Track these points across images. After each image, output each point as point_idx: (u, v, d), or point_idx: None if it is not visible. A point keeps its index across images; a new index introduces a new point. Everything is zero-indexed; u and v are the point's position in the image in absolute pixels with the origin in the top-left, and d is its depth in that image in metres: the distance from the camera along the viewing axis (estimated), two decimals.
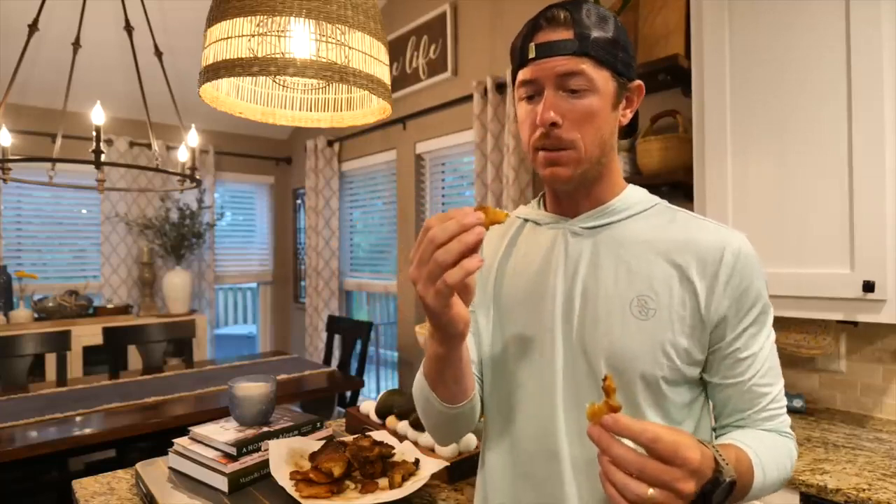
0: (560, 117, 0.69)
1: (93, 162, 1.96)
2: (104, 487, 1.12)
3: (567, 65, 0.69)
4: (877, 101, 1.29)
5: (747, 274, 0.70)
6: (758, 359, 0.72)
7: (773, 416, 0.74)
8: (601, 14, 0.71)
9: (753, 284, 0.71)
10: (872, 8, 1.29)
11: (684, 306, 0.69)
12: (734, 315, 0.70)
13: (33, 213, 3.64)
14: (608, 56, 0.70)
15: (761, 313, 0.72)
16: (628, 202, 0.76)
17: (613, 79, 0.71)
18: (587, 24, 0.69)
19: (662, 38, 1.92)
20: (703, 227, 0.73)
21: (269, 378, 1.23)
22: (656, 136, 1.86)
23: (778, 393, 0.74)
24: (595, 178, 0.75)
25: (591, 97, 0.70)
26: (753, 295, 0.71)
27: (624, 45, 0.72)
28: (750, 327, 0.71)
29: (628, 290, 0.71)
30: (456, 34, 2.98)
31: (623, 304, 0.70)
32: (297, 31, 1.03)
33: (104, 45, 3.23)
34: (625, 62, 0.72)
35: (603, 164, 0.75)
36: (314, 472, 0.97)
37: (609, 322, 0.71)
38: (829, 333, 1.62)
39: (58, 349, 2.75)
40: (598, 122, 0.70)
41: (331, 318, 3.52)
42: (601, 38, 0.69)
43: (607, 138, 0.73)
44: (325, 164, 4.03)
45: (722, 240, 0.71)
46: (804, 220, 1.42)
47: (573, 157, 0.71)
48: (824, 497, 1.14)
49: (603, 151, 0.73)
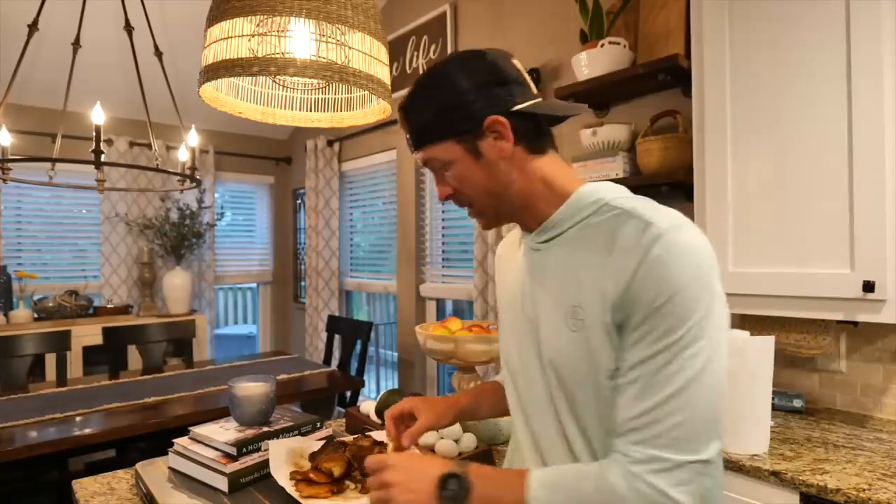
0: (447, 190, 0.80)
1: (93, 162, 1.96)
2: (104, 487, 1.12)
3: (420, 157, 0.80)
4: (877, 101, 1.29)
5: (655, 281, 0.62)
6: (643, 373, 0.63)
7: (639, 441, 0.63)
8: (422, 92, 0.77)
9: (666, 284, 0.62)
10: (872, 8, 1.29)
11: (605, 313, 0.66)
12: (636, 318, 0.64)
13: (33, 213, 3.64)
14: (441, 131, 0.76)
15: (674, 319, 0.62)
16: (570, 211, 0.75)
17: (456, 143, 0.75)
18: (415, 117, 0.78)
19: (662, 38, 1.92)
20: (628, 226, 0.67)
21: (269, 378, 1.23)
22: (656, 136, 1.86)
23: (660, 426, 0.61)
24: (519, 209, 0.79)
25: (451, 168, 0.77)
26: (664, 297, 0.62)
27: (452, 105, 0.74)
28: (653, 335, 0.63)
29: (565, 301, 0.72)
30: (456, 34, 2.98)
31: (561, 314, 0.72)
32: (297, 31, 1.03)
33: (104, 45, 3.23)
34: (460, 118, 0.74)
35: (512, 199, 0.78)
36: (314, 472, 0.97)
37: (550, 332, 0.74)
38: (829, 333, 1.62)
39: (58, 349, 2.75)
40: (469, 181, 0.77)
41: (331, 318, 3.52)
42: (428, 121, 0.76)
43: (491, 185, 0.77)
44: (325, 164, 4.03)
45: (639, 237, 0.65)
46: (804, 220, 1.42)
47: (475, 213, 0.81)
48: (824, 497, 1.14)
49: (496, 196, 0.77)
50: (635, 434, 0.63)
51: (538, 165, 0.77)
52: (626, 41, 1.96)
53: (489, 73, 0.74)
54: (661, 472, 0.61)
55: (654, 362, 0.62)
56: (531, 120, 0.76)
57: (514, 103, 0.74)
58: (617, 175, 1.94)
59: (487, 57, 0.75)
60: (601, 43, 1.95)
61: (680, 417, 0.61)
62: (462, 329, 1.55)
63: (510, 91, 0.74)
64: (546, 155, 0.78)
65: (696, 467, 0.62)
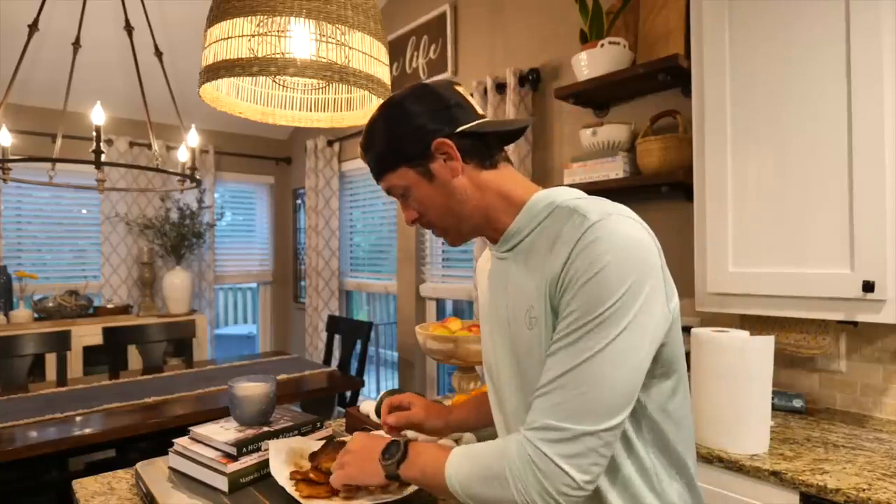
0: (413, 215, 0.84)
1: (93, 162, 1.96)
2: (104, 487, 1.12)
3: (382, 186, 0.85)
4: (877, 101, 1.29)
5: (581, 264, 0.65)
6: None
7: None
8: (373, 128, 0.82)
9: (592, 263, 0.65)
10: (872, 8, 1.29)
11: (546, 303, 0.71)
12: (566, 298, 0.67)
13: (33, 213, 3.64)
14: (395, 159, 0.80)
15: (595, 297, 0.64)
16: (526, 219, 0.78)
17: (409, 168, 0.80)
18: (371, 150, 0.82)
19: (662, 38, 1.92)
20: (569, 221, 0.70)
21: (269, 378, 1.23)
22: (656, 136, 1.86)
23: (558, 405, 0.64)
24: (480, 224, 0.82)
25: (410, 193, 0.82)
26: (588, 275, 0.65)
27: (401, 134, 0.79)
28: (576, 312, 0.65)
29: (523, 303, 0.75)
30: (456, 34, 2.98)
31: (520, 316, 0.76)
32: (297, 31, 1.03)
33: (104, 45, 3.23)
34: (409, 144, 0.79)
35: (470, 215, 0.81)
36: (314, 472, 0.97)
37: (517, 336, 0.77)
38: (829, 333, 1.62)
39: (58, 349, 2.75)
40: (428, 203, 0.82)
41: (331, 318, 3.52)
42: (382, 152, 0.81)
43: (448, 203, 0.81)
44: (325, 164, 4.03)
45: (573, 229, 0.68)
46: (804, 220, 1.42)
47: (439, 233, 0.86)
48: (824, 497, 1.14)
49: (454, 214, 0.81)
50: (539, 401, 0.66)
51: (491, 179, 0.81)
52: (626, 41, 1.96)
53: (432, 101, 0.79)
54: (552, 442, 0.63)
55: (572, 336, 0.65)
56: (478, 139, 0.80)
57: (457, 125, 0.79)
58: (617, 175, 1.94)
59: (429, 87, 0.81)
60: (601, 43, 1.95)
61: (584, 388, 0.63)
62: (462, 329, 1.55)
63: (452, 115, 0.79)
64: (499, 168, 0.82)
65: (591, 441, 0.62)
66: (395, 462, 0.79)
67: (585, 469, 0.63)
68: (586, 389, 0.63)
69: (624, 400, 0.64)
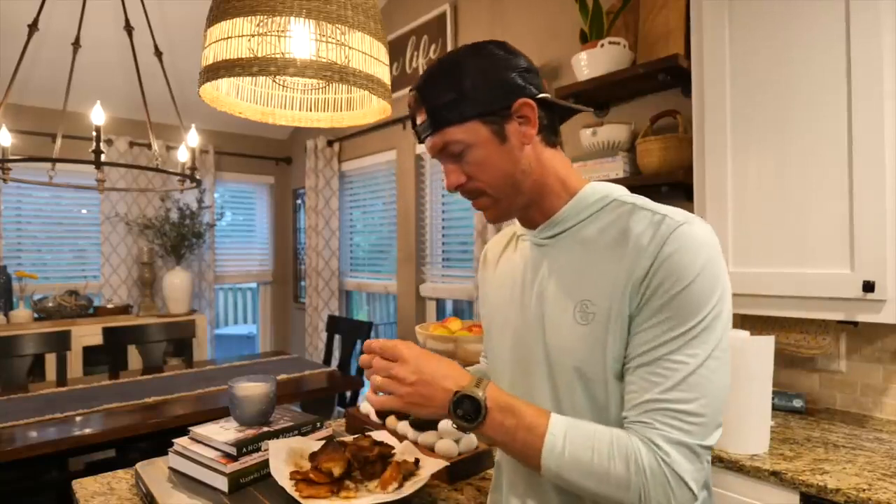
0: (461, 178, 0.75)
1: (93, 162, 1.96)
2: (104, 487, 1.12)
3: (435, 142, 0.74)
4: (877, 101, 1.29)
5: (672, 270, 0.63)
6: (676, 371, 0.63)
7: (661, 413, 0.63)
8: (445, 70, 0.73)
9: (683, 274, 0.63)
10: (872, 7, 1.29)
11: (619, 304, 0.67)
12: (653, 306, 0.64)
13: (33, 213, 3.64)
14: (465, 111, 0.71)
15: (691, 307, 0.63)
16: (579, 207, 0.75)
17: (482, 124, 0.72)
18: (433, 95, 0.72)
19: (662, 38, 1.92)
20: (641, 219, 0.69)
21: (269, 378, 1.23)
22: (656, 136, 1.86)
23: (688, 406, 0.62)
24: (531, 202, 0.77)
25: (472, 152, 0.73)
26: (680, 286, 0.63)
27: (481, 83, 0.71)
28: (671, 322, 0.63)
29: (574, 295, 0.72)
30: (456, 34, 2.98)
31: (568, 309, 0.72)
32: (297, 31, 1.03)
33: (104, 45, 3.23)
34: (487, 99, 0.71)
35: (528, 190, 0.75)
36: (314, 472, 0.97)
37: (558, 327, 0.73)
38: (829, 333, 1.62)
39: (58, 349, 2.75)
40: (490, 167, 0.73)
41: (331, 318, 3.52)
42: (450, 100, 0.71)
43: (512, 171, 0.74)
44: (325, 164, 4.03)
45: (654, 229, 0.66)
46: (804, 220, 1.42)
47: (488, 203, 0.77)
48: (824, 497, 1.14)
49: (514, 184, 0.74)
50: (659, 414, 0.63)
51: (551, 158, 0.77)
52: (626, 41, 1.96)
53: (516, 59, 0.74)
54: (686, 460, 0.62)
55: (673, 345, 0.63)
56: (550, 111, 0.76)
57: (539, 91, 0.74)
58: (617, 175, 1.94)
59: (509, 46, 0.76)
60: (601, 43, 1.95)
61: (703, 401, 0.62)
62: (462, 329, 1.55)
63: (536, 79, 0.74)
64: (557, 149, 0.78)
65: (707, 455, 0.64)
66: (470, 423, 0.67)
67: (701, 484, 0.63)
68: (705, 402, 0.62)
69: (724, 405, 0.65)
